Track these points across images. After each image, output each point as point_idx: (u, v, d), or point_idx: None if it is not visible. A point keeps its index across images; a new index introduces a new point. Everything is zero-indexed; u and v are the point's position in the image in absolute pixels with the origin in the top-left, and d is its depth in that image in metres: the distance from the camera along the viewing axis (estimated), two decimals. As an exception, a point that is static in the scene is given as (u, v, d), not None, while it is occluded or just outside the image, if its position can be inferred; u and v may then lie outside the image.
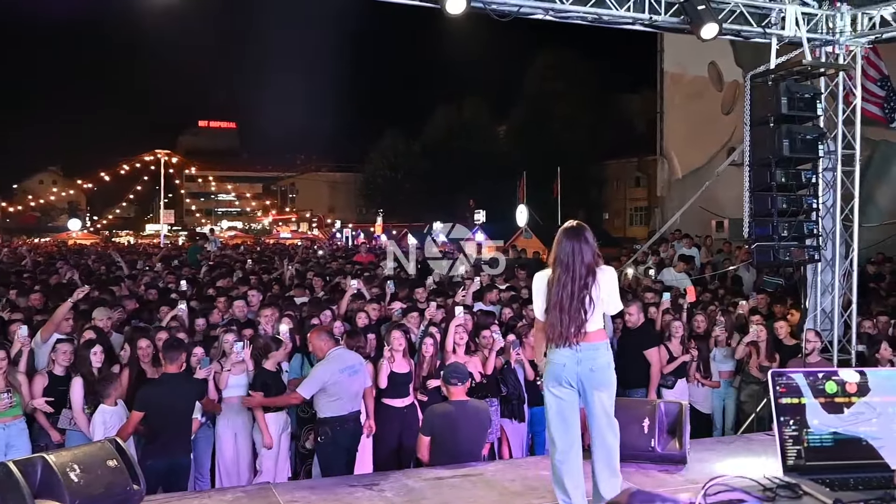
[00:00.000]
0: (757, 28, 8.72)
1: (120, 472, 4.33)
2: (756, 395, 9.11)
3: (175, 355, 6.87)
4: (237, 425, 7.66)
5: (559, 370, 4.91)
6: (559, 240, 4.93)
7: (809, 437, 3.42)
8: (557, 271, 4.87)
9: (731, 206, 19.06)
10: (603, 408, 5.01)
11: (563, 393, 4.94)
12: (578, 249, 4.87)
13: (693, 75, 23.26)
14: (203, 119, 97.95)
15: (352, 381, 7.23)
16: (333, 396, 7.10)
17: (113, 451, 4.40)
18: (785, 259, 8.69)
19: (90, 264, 17.96)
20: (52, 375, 7.22)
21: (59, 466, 4.09)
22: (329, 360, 7.22)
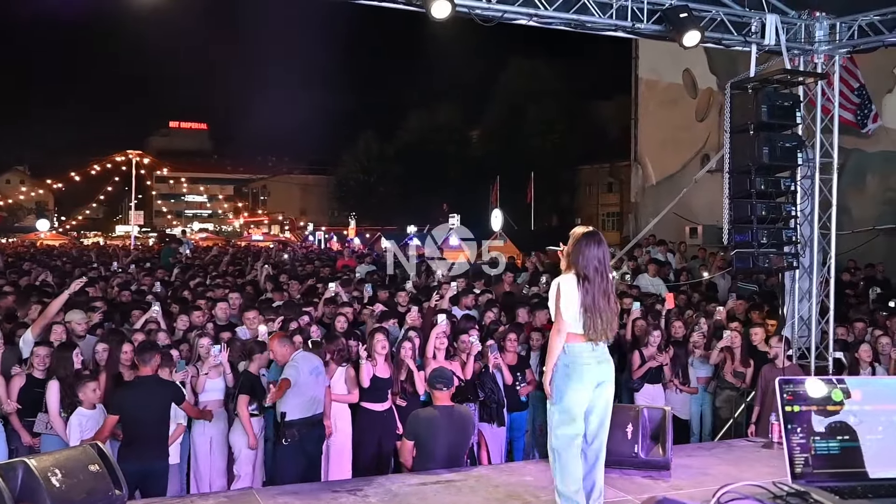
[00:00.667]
0: (737, 36, 8.82)
1: (102, 477, 4.30)
2: (732, 400, 9.18)
3: (148, 357, 6.74)
4: (213, 430, 7.59)
5: (588, 370, 5.02)
6: (587, 245, 5.04)
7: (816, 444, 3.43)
8: (594, 277, 5.00)
9: (704, 212, 19.23)
10: (612, 398, 5.21)
11: (585, 395, 5.02)
12: (606, 254, 5.10)
13: (668, 82, 23.43)
14: (174, 119, 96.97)
15: (317, 381, 7.28)
16: (302, 398, 7.12)
17: (95, 455, 4.37)
18: (764, 265, 8.78)
19: (62, 265, 17.69)
20: (30, 377, 7.12)
21: (41, 471, 4.05)
22: (298, 361, 7.26)
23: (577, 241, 5.06)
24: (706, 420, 9.59)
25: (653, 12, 8.58)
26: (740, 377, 9.04)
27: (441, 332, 8.39)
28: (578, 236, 5.08)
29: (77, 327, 8.10)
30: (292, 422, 7.10)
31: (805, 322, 9.24)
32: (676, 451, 6.80)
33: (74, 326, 8.08)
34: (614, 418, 6.51)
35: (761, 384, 8.51)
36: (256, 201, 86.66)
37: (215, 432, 7.61)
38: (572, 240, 5.10)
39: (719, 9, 8.75)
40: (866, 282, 13.26)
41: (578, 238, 5.06)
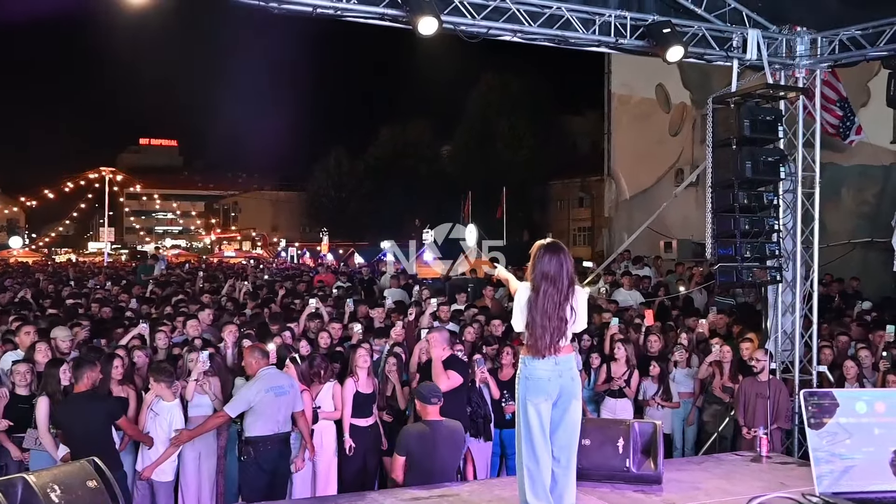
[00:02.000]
0: (719, 51, 8.88)
1: (100, 492, 4.32)
2: (719, 415, 9.19)
3: (81, 373, 6.66)
4: (202, 446, 7.50)
5: (543, 384, 5.00)
6: (540, 255, 5.04)
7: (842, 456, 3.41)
8: (543, 284, 4.97)
9: (678, 227, 19.41)
10: (579, 415, 5.19)
11: (545, 407, 5.02)
12: (562, 264, 5.02)
13: (640, 97, 23.64)
14: (144, 136, 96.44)
15: (278, 401, 7.09)
16: (257, 415, 6.99)
17: (92, 471, 4.39)
18: (748, 279, 8.80)
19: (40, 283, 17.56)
20: (13, 395, 7.23)
21: (40, 487, 4.07)
22: (257, 379, 7.14)
23: (533, 253, 5.07)
24: (689, 434, 9.58)
25: (636, 28, 8.63)
26: (729, 392, 9.05)
27: (423, 348, 8.35)
28: (535, 248, 5.09)
29: (62, 344, 8.17)
30: (248, 439, 7.04)
31: (788, 336, 9.26)
32: (667, 465, 6.80)
33: (59, 343, 8.14)
34: (605, 432, 6.56)
35: (741, 398, 8.53)
36: (228, 217, 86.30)
37: (203, 447, 7.51)
38: (532, 252, 5.10)
39: (701, 24, 8.81)
40: (843, 296, 13.38)
41: (535, 250, 5.08)
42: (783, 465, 7.24)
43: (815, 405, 3.48)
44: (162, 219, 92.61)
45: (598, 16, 8.52)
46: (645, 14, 8.66)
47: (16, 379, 7.25)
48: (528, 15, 8.32)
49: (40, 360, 7.57)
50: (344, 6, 7.61)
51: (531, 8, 8.32)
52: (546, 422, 5.04)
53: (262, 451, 6.95)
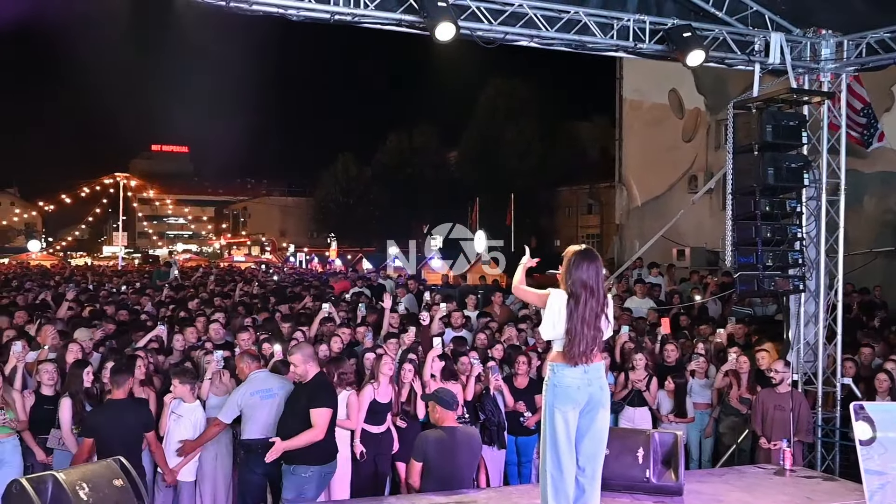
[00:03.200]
0: (741, 55, 8.74)
1: (126, 491, 4.45)
2: (736, 426, 9.02)
3: (122, 380, 6.73)
4: (218, 447, 7.51)
5: (572, 392, 4.97)
6: (577, 262, 5.00)
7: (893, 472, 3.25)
8: (583, 293, 4.94)
9: (691, 234, 19.22)
10: (606, 425, 5.14)
11: (572, 416, 4.99)
12: (598, 272, 5.03)
13: (652, 102, 23.43)
14: (156, 143, 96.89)
15: (266, 404, 7.05)
16: (248, 419, 7.02)
17: (118, 470, 4.53)
18: (769, 289, 8.63)
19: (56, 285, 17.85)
20: (38, 395, 7.37)
21: (69, 484, 4.21)
22: (246, 382, 7.18)
23: (568, 259, 5.03)
24: (706, 446, 9.42)
25: (655, 32, 8.53)
26: (746, 403, 8.88)
27: (437, 354, 8.35)
28: (570, 255, 5.04)
29: (83, 345, 8.38)
30: (242, 442, 7.10)
31: (811, 347, 9.07)
32: (686, 476, 6.67)
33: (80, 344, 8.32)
34: (624, 442, 6.46)
35: (759, 410, 8.36)
36: (237, 223, 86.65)
37: (220, 448, 7.55)
38: (565, 258, 5.06)
39: (722, 28, 8.68)
40: (861, 306, 13.17)
41: (570, 257, 5.03)
42: (808, 479, 7.08)
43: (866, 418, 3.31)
44: (173, 224, 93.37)
45: (617, 20, 8.43)
46: (664, 18, 8.55)
47: (43, 378, 7.37)
48: (545, 20, 8.25)
49: (71, 360, 7.70)
50: (362, 13, 7.58)
51: (548, 13, 8.25)
52: (573, 430, 4.99)
53: (254, 455, 6.87)
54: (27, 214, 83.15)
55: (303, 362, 6.49)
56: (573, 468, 5.02)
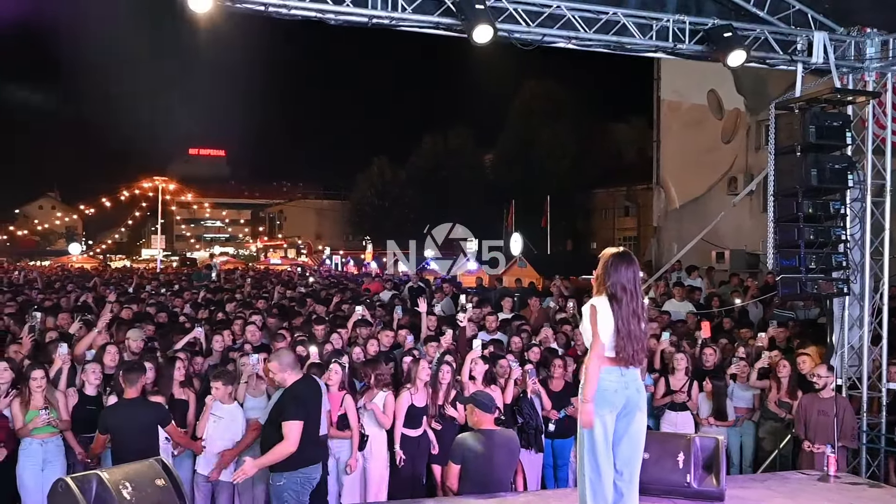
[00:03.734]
0: (783, 55, 8.62)
1: (168, 491, 4.52)
2: (776, 431, 8.89)
3: (135, 378, 6.77)
4: (256, 449, 7.39)
5: (610, 395, 4.96)
6: (615, 265, 5.01)
7: None
8: (624, 297, 4.94)
9: (730, 237, 19.00)
10: (643, 427, 5.14)
11: (609, 419, 4.98)
12: (636, 275, 5.04)
13: (691, 103, 23.21)
14: (193, 147, 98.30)
15: None
16: None
17: (160, 470, 4.62)
18: (812, 292, 8.48)
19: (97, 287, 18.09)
20: (82, 395, 7.50)
21: (113, 484, 4.28)
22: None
23: (605, 261, 5.03)
24: (747, 451, 9.28)
25: (695, 32, 8.45)
26: (786, 408, 8.74)
27: (476, 356, 8.36)
28: (608, 257, 5.05)
29: (133, 345, 8.56)
30: None
31: (855, 351, 8.90)
32: (727, 481, 6.61)
33: (131, 344, 8.55)
34: (664, 446, 6.40)
35: (802, 415, 8.22)
36: (273, 226, 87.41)
37: (257, 451, 7.45)
38: (602, 261, 5.06)
39: (764, 27, 8.57)
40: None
41: (608, 259, 5.04)
42: (853, 485, 6.97)
43: None
44: (210, 226, 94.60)
45: (656, 21, 8.37)
46: (704, 18, 8.48)
47: (89, 378, 7.51)
48: (583, 21, 8.21)
49: (108, 362, 7.83)
50: (399, 16, 7.61)
51: (586, 14, 8.21)
52: (610, 433, 4.98)
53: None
54: (68, 218, 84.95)
55: (280, 370, 6.30)
56: (611, 472, 5.02)
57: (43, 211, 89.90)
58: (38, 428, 7.03)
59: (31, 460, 7.02)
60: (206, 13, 7.01)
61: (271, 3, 7.19)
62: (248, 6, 7.25)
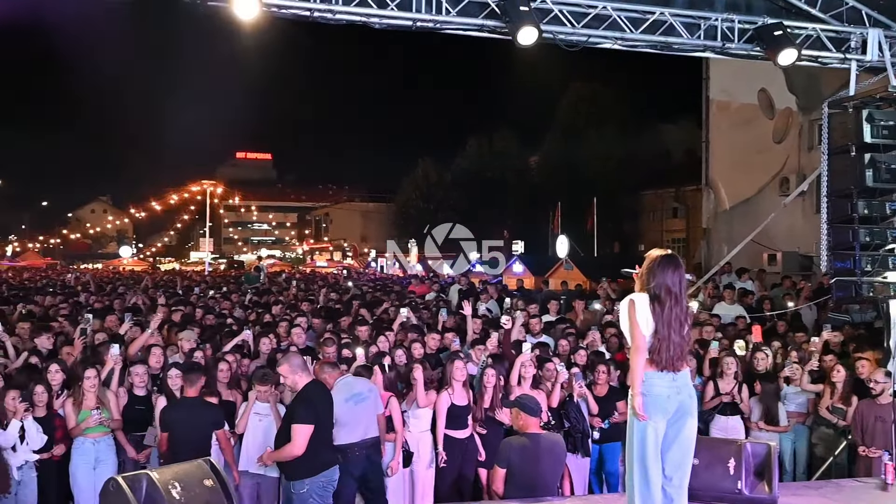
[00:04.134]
0: (836, 53, 8.48)
1: (216, 491, 4.55)
2: (827, 438, 8.68)
3: (194, 378, 6.89)
4: None
5: (663, 402, 4.89)
6: (662, 266, 4.92)
7: None
8: (668, 299, 4.86)
9: (782, 238, 18.61)
10: (694, 433, 5.04)
11: (661, 426, 4.91)
12: (682, 279, 4.94)
13: (741, 103, 22.77)
14: (240, 151, 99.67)
15: (359, 408, 7.09)
16: (341, 425, 6.91)
17: (209, 471, 4.65)
18: (868, 294, 8.30)
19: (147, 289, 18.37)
20: (131, 395, 7.65)
21: (162, 483, 4.33)
22: (335, 391, 7.08)
23: (651, 262, 4.95)
24: (800, 458, 9.09)
25: (744, 31, 8.34)
26: (839, 413, 8.53)
27: (527, 360, 8.24)
28: (654, 258, 4.96)
29: (186, 345, 8.74)
30: (336, 447, 6.96)
31: (915, 356, 8.65)
32: (780, 488, 6.45)
33: (184, 345, 8.72)
34: (715, 452, 6.29)
35: (858, 421, 8.02)
36: (319, 228, 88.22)
37: None
38: (647, 261, 4.98)
39: (816, 25, 8.42)
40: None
41: (653, 259, 4.95)
42: (912, 494, 6.75)
43: None
44: (258, 229, 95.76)
45: (704, 20, 8.29)
46: (754, 16, 8.36)
47: (135, 381, 7.65)
48: (629, 21, 8.17)
49: (153, 363, 8.00)
50: (443, 19, 7.64)
51: (633, 14, 8.17)
52: (660, 440, 4.91)
53: (350, 458, 6.92)
54: (119, 221, 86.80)
55: (291, 373, 6.34)
56: (660, 478, 4.94)
57: (95, 215, 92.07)
58: (91, 427, 7.17)
59: (84, 459, 7.14)
60: (250, 19, 7.09)
61: (316, 9, 7.27)
62: (294, 12, 7.34)
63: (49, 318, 11.48)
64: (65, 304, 13.73)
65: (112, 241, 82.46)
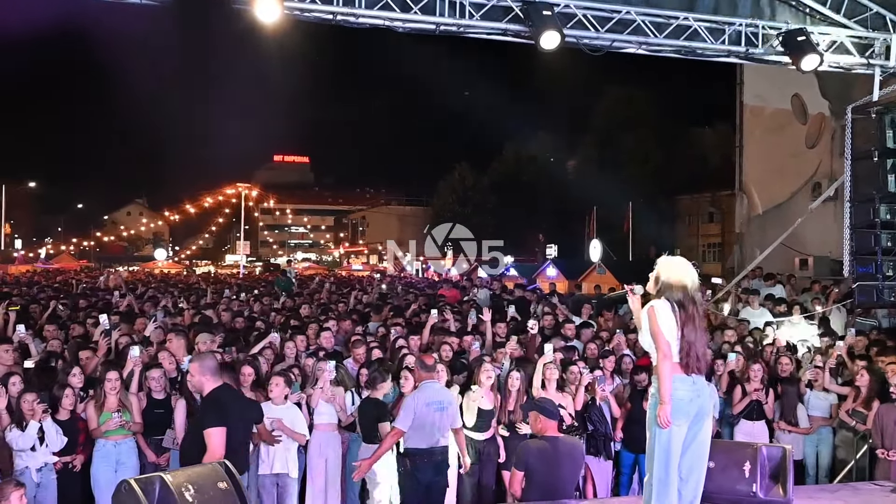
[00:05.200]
0: (860, 58, 8.47)
1: (230, 494, 4.50)
2: (849, 442, 8.68)
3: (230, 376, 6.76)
4: (328, 451, 7.75)
5: (685, 406, 4.96)
6: (677, 272, 5.04)
7: None
8: (688, 304, 4.98)
9: (814, 243, 18.46)
10: (709, 434, 5.17)
11: (683, 429, 4.98)
12: (695, 282, 5.07)
13: (774, 108, 22.65)
14: (278, 154, 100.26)
15: (436, 416, 7.00)
16: (415, 428, 6.90)
17: (223, 473, 4.59)
18: (889, 300, 8.29)
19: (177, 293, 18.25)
20: (150, 398, 7.60)
21: (176, 486, 4.27)
22: (419, 391, 7.11)
23: (666, 267, 5.05)
24: (823, 461, 9.09)
25: (768, 37, 8.39)
26: (859, 417, 8.52)
27: (548, 361, 8.26)
28: (669, 263, 5.09)
29: (202, 347, 8.50)
30: (406, 451, 7.04)
31: (937, 359, 8.63)
32: (796, 492, 6.49)
33: (200, 347, 8.50)
34: (731, 455, 6.33)
35: (878, 425, 8.02)
36: (356, 232, 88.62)
37: (331, 454, 7.79)
38: (662, 267, 5.08)
39: (840, 30, 8.43)
40: None
41: (669, 265, 5.07)
42: (929, 498, 6.74)
43: None
44: (294, 233, 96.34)
45: (728, 25, 8.33)
46: (778, 22, 8.38)
47: (152, 385, 7.59)
48: (653, 26, 8.24)
49: (166, 366, 7.90)
50: (467, 23, 7.74)
51: (657, 19, 8.23)
52: (681, 442, 4.98)
53: (418, 464, 6.95)
54: (153, 224, 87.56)
55: (199, 373, 6.04)
56: (677, 479, 5.02)
57: (131, 217, 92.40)
58: (111, 430, 7.18)
59: (105, 461, 7.15)
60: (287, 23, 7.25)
61: (339, 12, 7.43)
62: (316, 15, 7.50)
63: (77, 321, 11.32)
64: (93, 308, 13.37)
65: (148, 244, 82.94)
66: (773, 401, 8.84)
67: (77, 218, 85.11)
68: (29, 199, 71.75)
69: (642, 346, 5.25)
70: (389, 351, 9.40)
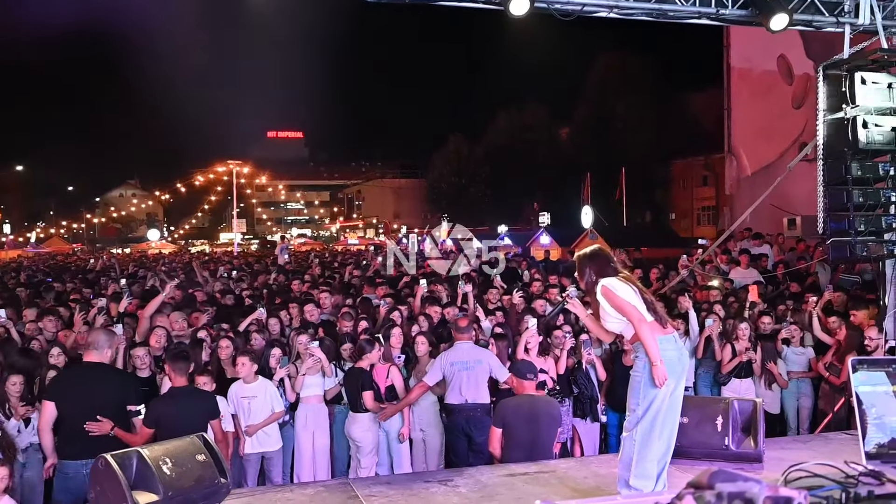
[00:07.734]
0: (829, 17, 8.53)
1: (208, 466, 4.50)
2: (828, 394, 8.90)
3: (182, 367, 6.43)
4: (315, 424, 7.83)
5: (674, 364, 5.09)
6: (603, 256, 5.37)
7: (893, 425, 3.34)
8: (632, 278, 5.35)
9: (802, 202, 18.57)
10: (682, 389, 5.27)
11: (672, 386, 5.07)
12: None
13: (761, 70, 22.75)
14: (271, 130, 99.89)
15: (462, 375, 7.49)
16: (448, 386, 7.53)
17: (201, 446, 4.57)
18: (862, 254, 8.44)
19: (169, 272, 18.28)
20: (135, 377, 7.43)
21: (153, 460, 4.26)
22: (450, 350, 7.64)
23: (599, 257, 5.32)
24: (804, 413, 9.32)
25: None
26: (834, 371, 8.73)
27: (531, 335, 8.33)
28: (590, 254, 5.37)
29: (176, 325, 8.61)
30: (445, 406, 7.68)
31: (907, 312, 8.83)
32: (770, 444, 6.69)
33: (173, 325, 8.58)
34: (704, 410, 6.49)
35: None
36: (351, 206, 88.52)
37: (318, 426, 7.86)
38: (587, 256, 5.34)
39: (808, -12, 8.49)
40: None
41: (593, 252, 5.39)
42: (899, 444, 6.95)
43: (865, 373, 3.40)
44: (290, 209, 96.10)
45: (698, -14, 8.33)
46: (747, -19, 8.40)
47: (136, 363, 7.53)
48: (623, -12, 8.22)
49: (154, 344, 7.89)
50: (437, -9, 7.72)
51: (627, -19, 8.22)
52: (669, 399, 5.08)
53: (453, 419, 7.52)
54: (145, 205, 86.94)
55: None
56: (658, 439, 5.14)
57: (123, 199, 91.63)
58: None
59: None
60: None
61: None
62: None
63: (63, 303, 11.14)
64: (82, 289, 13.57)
65: (142, 225, 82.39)
66: (760, 359, 9.01)
67: (69, 201, 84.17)
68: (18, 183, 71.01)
69: (612, 330, 5.34)
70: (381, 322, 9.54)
